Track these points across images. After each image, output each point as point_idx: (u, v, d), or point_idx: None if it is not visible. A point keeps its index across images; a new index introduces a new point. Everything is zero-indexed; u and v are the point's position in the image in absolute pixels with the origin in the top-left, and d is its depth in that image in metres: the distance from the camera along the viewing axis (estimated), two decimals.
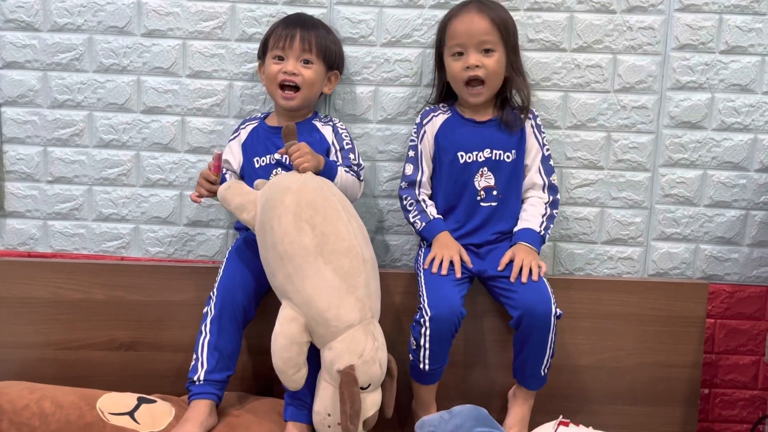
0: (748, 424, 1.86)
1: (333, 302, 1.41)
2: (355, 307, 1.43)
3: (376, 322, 1.49)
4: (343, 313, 1.42)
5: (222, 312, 1.55)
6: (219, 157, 1.61)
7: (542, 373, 1.57)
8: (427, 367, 1.53)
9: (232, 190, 1.54)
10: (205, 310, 1.57)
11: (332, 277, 1.42)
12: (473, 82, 1.62)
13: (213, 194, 1.61)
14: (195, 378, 1.53)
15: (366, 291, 1.45)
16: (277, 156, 1.64)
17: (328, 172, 1.56)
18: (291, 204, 1.44)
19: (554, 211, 1.67)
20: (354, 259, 1.44)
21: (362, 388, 1.43)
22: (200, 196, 1.62)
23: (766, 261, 1.82)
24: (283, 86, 1.64)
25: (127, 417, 1.50)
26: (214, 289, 1.58)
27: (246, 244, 1.64)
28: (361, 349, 1.42)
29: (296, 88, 1.64)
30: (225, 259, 1.64)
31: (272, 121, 1.72)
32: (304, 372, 1.44)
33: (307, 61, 1.65)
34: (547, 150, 1.70)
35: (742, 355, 1.85)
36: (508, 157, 1.66)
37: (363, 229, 1.52)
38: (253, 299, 1.59)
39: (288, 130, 1.52)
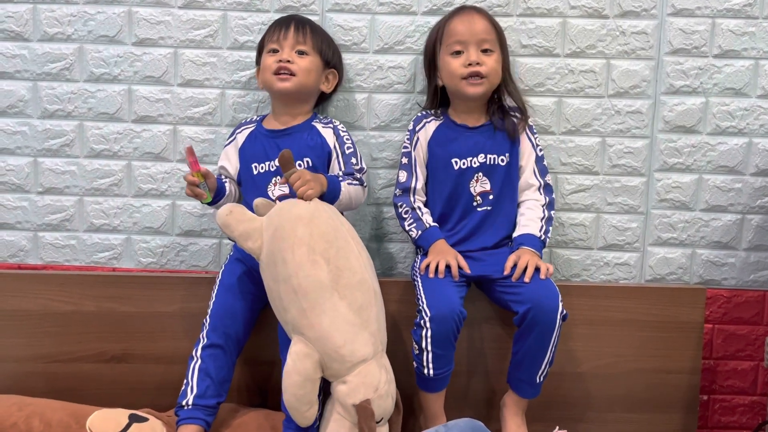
0: (748, 430, 1.84)
1: (348, 338, 1.40)
2: (368, 341, 1.42)
3: (385, 354, 1.47)
4: (357, 348, 1.40)
5: (214, 342, 1.53)
6: (191, 152, 1.52)
7: (537, 380, 1.54)
8: (431, 372, 1.50)
9: (234, 215, 1.46)
10: (199, 336, 1.55)
11: (347, 312, 1.40)
12: (473, 77, 1.61)
13: (201, 195, 1.56)
14: (184, 402, 1.50)
15: (377, 325, 1.45)
16: (276, 164, 1.62)
17: (332, 192, 1.54)
18: (304, 236, 1.41)
19: (551, 212, 1.65)
20: (366, 293, 1.43)
21: (375, 422, 1.41)
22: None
23: (763, 265, 1.81)
24: (278, 72, 1.62)
25: None
26: (207, 317, 1.56)
27: (240, 268, 1.60)
28: (376, 382, 1.41)
29: (292, 74, 1.62)
30: (217, 282, 1.61)
31: (270, 124, 1.70)
32: (315, 408, 1.42)
33: (302, 52, 1.63)
34: (540, 150, 1.69)
35: (741, 361, 1.84)
36: (502, 160, 1.65)
37: (370, 260, 1.51)
38: (248, 327, 1.58)
39: (284, 159, 1.47)
